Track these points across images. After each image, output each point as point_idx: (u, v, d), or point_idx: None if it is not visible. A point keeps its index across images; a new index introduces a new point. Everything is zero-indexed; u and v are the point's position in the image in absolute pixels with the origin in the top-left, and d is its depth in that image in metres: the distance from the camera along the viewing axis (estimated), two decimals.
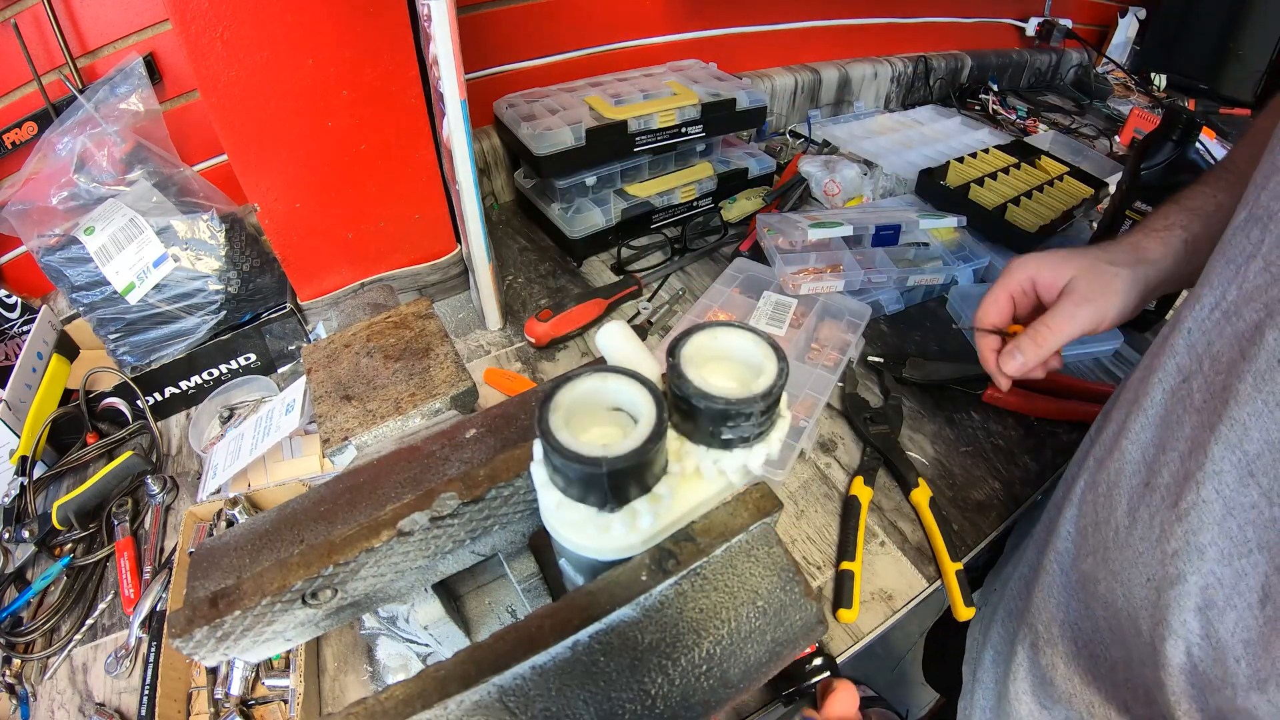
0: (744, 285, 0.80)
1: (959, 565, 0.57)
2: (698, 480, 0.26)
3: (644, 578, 0.25)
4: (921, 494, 0.61)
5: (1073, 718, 0.46)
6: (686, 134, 0.90)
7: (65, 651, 0.54)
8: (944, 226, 0.86)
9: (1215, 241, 0.42)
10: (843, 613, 0.54)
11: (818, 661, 0.50)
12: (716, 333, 0.25)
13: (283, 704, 0.51)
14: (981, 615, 0.59)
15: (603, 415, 0.24)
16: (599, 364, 0.24)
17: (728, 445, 0.25)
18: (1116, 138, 1.23)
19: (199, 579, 0.32)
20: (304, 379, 0.64)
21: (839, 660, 0.54)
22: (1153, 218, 0.51)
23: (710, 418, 0.23)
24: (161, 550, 0.60)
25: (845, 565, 0.57)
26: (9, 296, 0.76)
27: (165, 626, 0.52)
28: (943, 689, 0.89)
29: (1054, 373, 0.55)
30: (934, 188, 0.93)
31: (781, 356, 0.23)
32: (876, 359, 0.76)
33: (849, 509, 0.61)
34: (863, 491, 0.62)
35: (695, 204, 0.98)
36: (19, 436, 0.63)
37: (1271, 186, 0.33)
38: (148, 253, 0.65)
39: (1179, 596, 0.34)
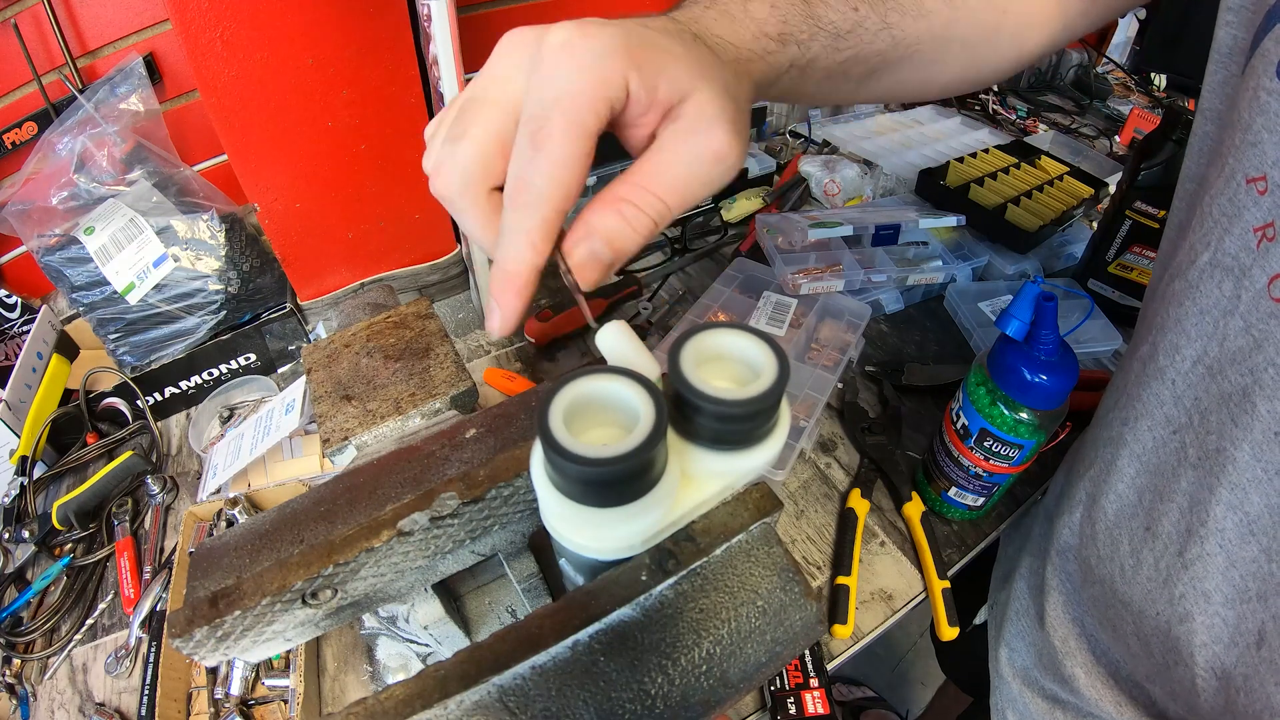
0: (744, 285, 0.80)
1: (946, 583, 0.56)
2: (698, 480, 0.26)
3: (644, 578, 0.25)
4: (914, 508, 0.61)
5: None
6: None
7: (65, 651, 0.54)
8: (943, 226, 0.86)
9: (829, 72, 0.36)
10: (837, 629, 0.54)
11: None
12: (716, 333, 0.25)
13: (283, 704, 0.51)
14: (994, 617, 0.59)
15: (603, 415, 0.24)
16: (599, 364, 0.24)
17: (728, 446, 0.25)
18: (1116, 138, 1.23)
19: (199, 579, 0.32)
20: (304, 379, 0.64)
21: (838, 660, 0.54)
22: (764, 6, 0.33)
23: (710, 418, 0.23)
24: (161, 550, 0.60)
25: (841, 579, 0.56)
26: (9, 296, 0.76)
27: (165, 626, 0.52)
28: (966, 686, 0.88)
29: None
30: (934, 188, 0.93)
31: (782, 357, 0.23)
32: (873, 368, 0.75)
33: (845, 522, 0.61)
34: (860, 504, 0.61)
35: (695, 204, 0.97)
36: (19, 436, 0.63)
37: (1236, 232, 0.32)
38: (148, 253, 0.65)
39: (1187, 632, 0.36)
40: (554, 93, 0.24)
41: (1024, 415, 0.49)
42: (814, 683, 0.50)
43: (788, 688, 0.50)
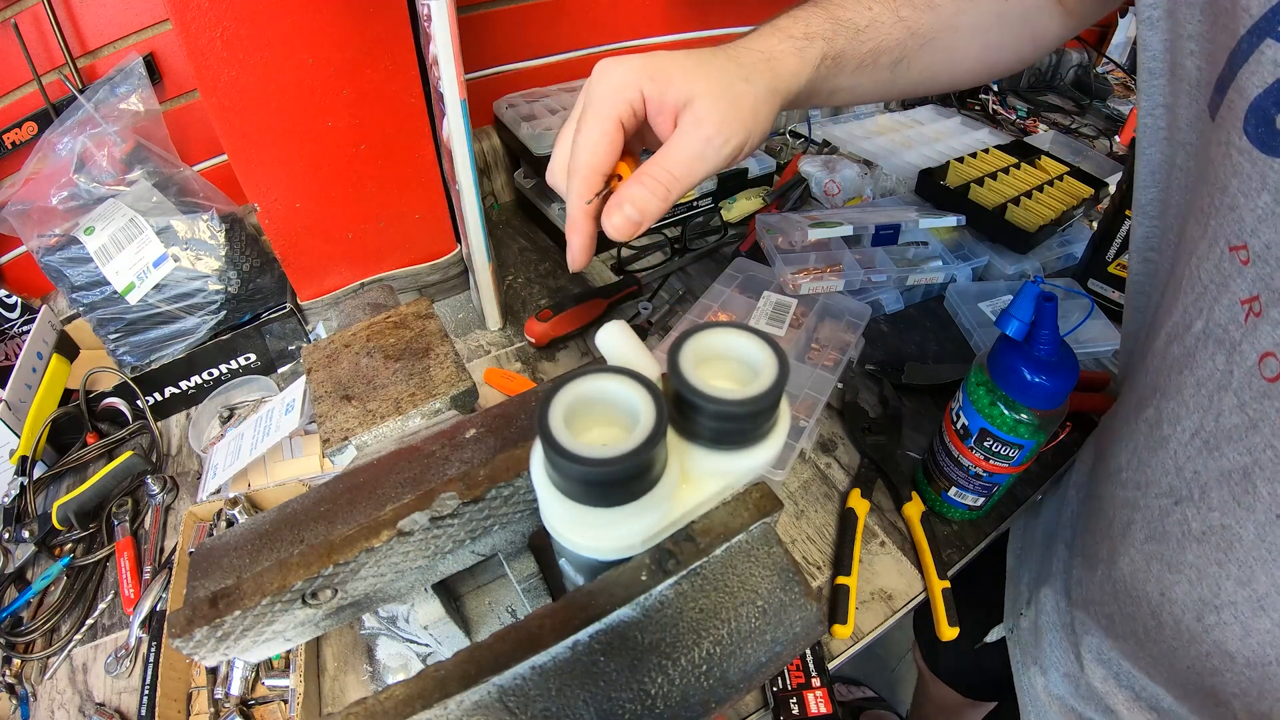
0: (744, 285, 0.80)
1: (946, 583, 0.56)
2: (698, 480, 0.26)
3: (644, 578, 0.25)
4: (914, 508, 0.61)
5: None
6: None
7: (65, 651, 0.54)
8: (943, 226, 0.86)
9: (860, 62, 0.43)
10: (837, 629, 0.54)
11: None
12: (716, 333, 0.25)
13: (283, 704, 0.51)
14: (1017, 641, 0.59)
15: (603, 415, 0.24)
16: (599, 364, 0.24)
17: (728, 445, 0.25)
18: (1116, 138, 1.23)
19: (199, 579, 0.32)
20: (304, 379, 0.64)
21: (838, 660, 0.54)
22: (789, 20, 0.42)
23: (710, 418, 0.23)
24: (161, 550, 0.60)
25: (841, 580, 0.56)
26: (9, 296, 0.76)
27: (165, 626, 0.52)
28: (966, 690, 0.87)
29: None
30: (934, 187, 0.93)
31: (782, 357, 0.23)
32: (873, 367, 0.75)
33: (845, 522, 0.61)
34: (860, 504, 0.61)
35: (695, 204, 0.98)
36: (19, 436, 0.63)
37: (1225, 302, 0.31)
38: (148, 253, 0.65)
39: (1220, 684, 0.36)
40: (591, 97, 0.36)
41: (1024, 415, 0.49)
42: (815, 683, 0.50)
43: (790, 688, 0.50)
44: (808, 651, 0.52)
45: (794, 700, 0.50)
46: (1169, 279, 0.41)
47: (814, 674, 0.51)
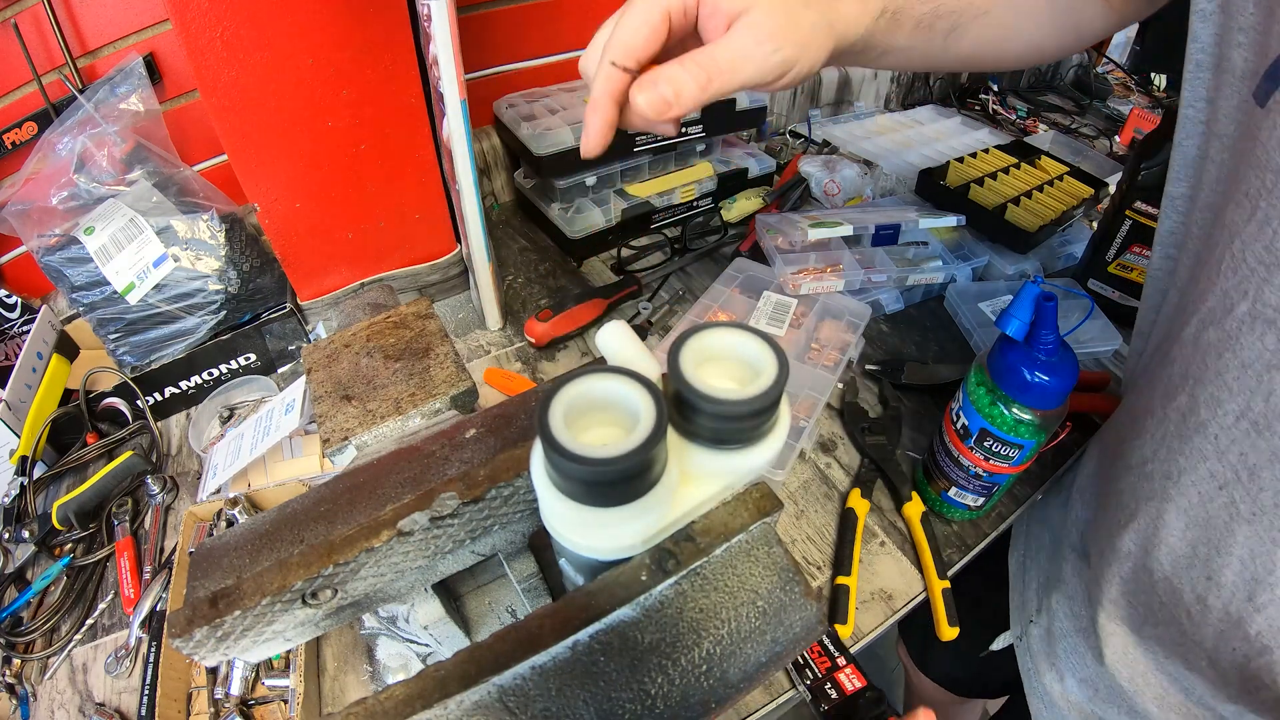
0: (744, 285, 0.80)
1: (946, 583, 0.56)
2: (698, 480, 0.26)
3: (644, 578, 0.25)
4: (914, 508, 0.61)
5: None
6: (686, 134, 0.90)
7: (65, 651, 0.54)
8: (943, 226, 0.86)
9: (917, 22, 0.42)
10: (838, 629, 0.54)
11: (870, 695, 0.49)
12: (716, 333, 0.25)
13: (283, 704, 0.51)
14: (1027, 648, 0.59)
15: (603, 415, 0.24)
16: (599, 364, 0.24)
17: (728, 445, 0.25)
18: (1116, 138, 1.23)
19: (199, 579, 0.32)
20: (304, 379, 0.64)
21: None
22: None
23: (710, 418, 0.23)
24: (161, 550, 0.60)
25: (841, 579, 0.56)
26: (9, 296, 0.76)
27: (165, 626, 0.52)
28: (965, 691, 0.87)
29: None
30: (934, 187, 0.93)
31: (782, 357, 0.23)
32: (874, 367, 0.75)
33: (846, 522, 0.61)
34: (860, 504, 0.61)
35: (695, 204, 0.98)
36: (19, 436, 0.63)
37: (1276, 283, 0.31)
38: (148, 253, 0.65)
39: (1268, 664, 0.36)
40: None
41: (1024, 415, 0.49)
42: (840, 662, 0.51)
43: (820, 675, 0.50)
44: (824, 638, 0.52)
45: (829, 685, 0.50)
46: (1195, 270, 0.41)
47: (836, 655, 0.51)
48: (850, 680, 0.49)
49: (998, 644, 0.64)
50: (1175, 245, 0.46)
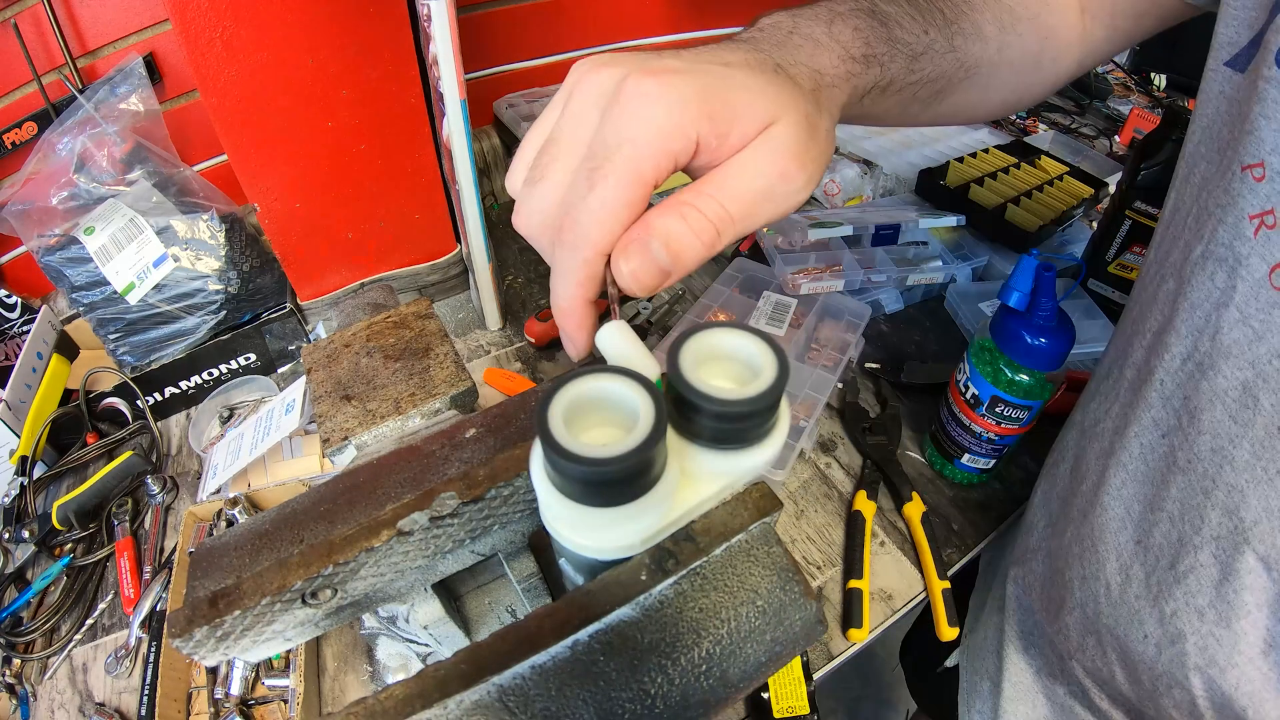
0: (744, 285, 0.80)
1: (946, 584, 0.57)
2: (698, 480, 0.26)
3: (644, 578, 0.25)
4: (914, 508, 0.61)
5: None
6: None
7: (65, 651, 0.54)
8: (943, 226, 0.86)
9: (901, 90, 0.37)
10: (853, 633, 0.54)
11: None
12: (716, 333, 0.25)
13: (283, 704, 0.51)
14: (978, 637, 0.59)
15: (603, 415, 0.24)
16: (599, 364, 0.24)
17: (728, 446, 0.25)
18: (1116, 138, 1.23)
19: (199, 579, 0.32)
20: (304, 379, 0.64)
21: (839, 659, 0.54)
22: (849, 30, 0.33)
23: (710, 418, 0.23)
24: (161, 550, 0.60)
25: (853, 584, 0.56)
26: (9, 296, 0.76)
27: (165, 626, 0.52)
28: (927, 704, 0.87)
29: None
30: (934, 187, 0.93)
31: (782, 357, 0.23)
32: (874, 367, 0.75)
33: (854, 524, 0.61)
34: (866, 506, 0.61)
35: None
36: (19, 436, 0.63)
37: (1230, 221, 0.30)
38: (148, 253, 0.65)
39: (1179, 655, 0.34)
40: (620, 138, 0.24)
41: (1028, 377, 0.53)
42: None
43: None
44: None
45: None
46: (1163, 230, 0.40)
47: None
48: None
49: (951, 660, 0.64)
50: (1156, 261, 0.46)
